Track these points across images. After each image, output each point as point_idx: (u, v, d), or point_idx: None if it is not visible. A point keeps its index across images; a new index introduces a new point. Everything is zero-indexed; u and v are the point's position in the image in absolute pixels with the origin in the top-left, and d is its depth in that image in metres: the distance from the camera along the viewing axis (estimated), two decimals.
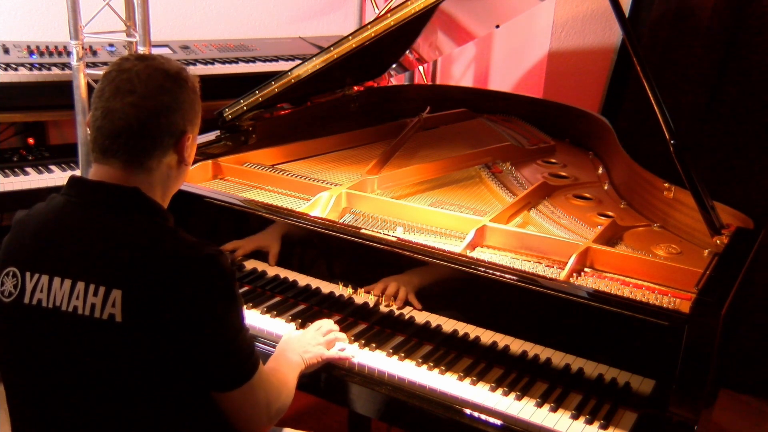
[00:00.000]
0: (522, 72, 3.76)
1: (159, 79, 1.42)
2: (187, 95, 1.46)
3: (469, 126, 2.91)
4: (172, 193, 1.54)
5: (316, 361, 1.73)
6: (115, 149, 1.41)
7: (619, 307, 1.58)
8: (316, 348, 1.74)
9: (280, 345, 1.76)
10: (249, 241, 2.03)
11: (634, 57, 1.87)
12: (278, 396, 1.54)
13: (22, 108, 3.07)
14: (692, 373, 1.52)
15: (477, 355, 1.78)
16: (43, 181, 3.06)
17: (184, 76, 1.47)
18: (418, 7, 2.24)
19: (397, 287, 1.84)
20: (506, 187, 2.29)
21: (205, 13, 3.83)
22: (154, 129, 1.42)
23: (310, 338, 1.76)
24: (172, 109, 1.43)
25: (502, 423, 1.62)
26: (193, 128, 1.50)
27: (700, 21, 3.13)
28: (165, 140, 1.44)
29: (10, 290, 1.40)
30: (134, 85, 1.40)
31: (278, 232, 1.99)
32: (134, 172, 1.43)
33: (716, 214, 1.85)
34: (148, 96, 1.40)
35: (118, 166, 1.42)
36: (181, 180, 1.55)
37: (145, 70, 1.42)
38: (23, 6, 3.33)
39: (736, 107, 3.10)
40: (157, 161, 1.44)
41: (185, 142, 1.47)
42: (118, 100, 1.39)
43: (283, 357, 1.69)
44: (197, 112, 1.51)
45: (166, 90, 1.43)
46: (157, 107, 1.41)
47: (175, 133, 1.45)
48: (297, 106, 2.69)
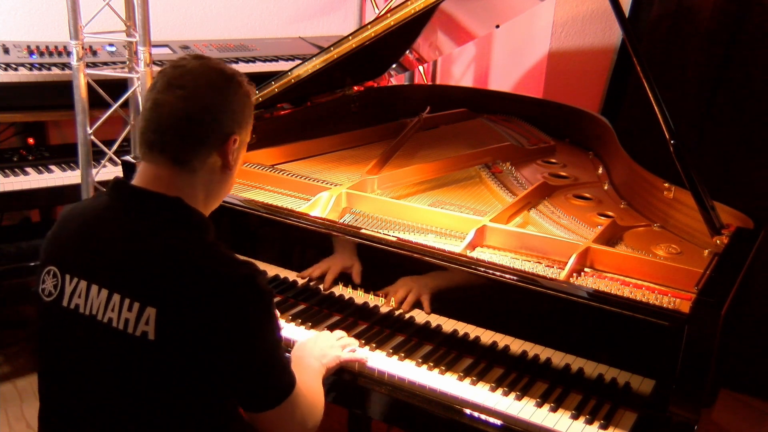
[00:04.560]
0: (522, 72, 3.76)
1: (211, 77, 1.41)
2: (238, 98, 1.44)
3: (469, 126, 2.91)
4: (216, 200, 1.51)
5: (334, 364, 1.70)
6: (161, 144, 1.39)
7: (619, 307, 1.58)
8: (333, 351, 1.71)
9: (294, 352, 1.71)
10: (249, 242, 2.03)
11: (634, 57, 1.87)
12: (312, 411, 1.50)
13: (22, 108, 3.07)
14: (692, 373, 1.52)
15: (477, 355, 1.78)
16: (43, 181, 3.06)
17: (238, 79, 1.45)
18: (418, 7, 2.24)
19: (400, 288, 1.84)
20: (506, 187, 2.29)
21: (205, 13, 3.83)
22: (201, 125, 1.39)
23: (325, 342, 1.73)
24: (221, 109, 1.41)
25: (502, 423, 1.62)
26: (241, 132, 1.46)
27: (700, 21, 3.14)
28: (210, 139, 1.41)
29: (51, 290, 1.41)
30: (186, 81, 1.39)
31: (277, 232, 1.99)
32: (177, 172, 1.40)
33: (716, 214, 1.85)
34: (198, 92, 1.39)
35: (162, 163, 1.40)
36: (226, 187, 1.51)
37: (199, 68, 1.41)
38: (23, 6, 3.34)
39: (736, 107, 3.10)
40: (201, 161, 1.41)
41: (231, 144, 1.44)
42: (169, 94, 1.38)
43: (305, 366, 1.64)
44: (247, 117, 1.48)
45: (217, 89, 1.41)
46: (206, 104, 1.39)
47: (221, 133, 1.42)
48: (297, 106, 2.69)
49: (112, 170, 3.12)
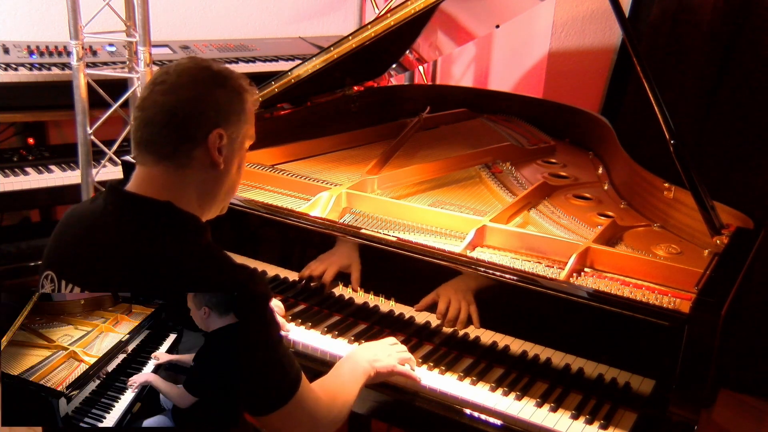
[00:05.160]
0: (522, 72, 3.76)
1: (194, 72, 1.41)
2: (225, 92, 1.42)
3: (469, 126, 2.91)
4: (212, 201, 1.47)
5: (386, 371, 1.66)
6: (145, 141, 1.39)
7: (619, 307, 1.58)
8: (389, 359, 1.68)
9: (347, 354, 1.70)
10: (249, 242, 2.03)
11: (634, 57, 1.87)
12: (328, 411, 1.47)
13: (22, 108, 3.07)
14: (692, 373, 1.52)
15: (477, 355, 1.78)
16: (43, 181, 3.06)
17: (225, 74, 1.43)
18: (418, 7, 2.24)
19: (402, 289, 1.84)
20: (506, 187, 2.29)
21: (205, 13, 3.83)
22: (181, 118, 1.37)
23: (382, 349, 1.71)
24: (204, 102, 1.39)
25: (502, 423, 1.62)
26: (229, 128, 1.42)
27: (700, 21, 3.14)
28: (191, 132, 1.38)
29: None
30: (168, 76, 1.39)
31: (277, 232, 1.99)
32: (168, 171, 1.39)
33: (716, 214, 1.85)
34: (178, 85, 1.38)
35: (152, 163, 1.39)
36: (221, 188, 1.47)
37: (186, 64, 1.41)
38: (23, 6, 3.34)
39: (736, 107, 3.10)
40: (186, 155, 1.39)
41: (215, 137, 1.40)
42: (151, 90, 1.39)
43: (347, 363, 1.63)
44: (236, 112, 1.44)
45: (199, 82, 1.40)
46: (186, 96, 1.38)
47: (204, 126, 1.39)
48: (297, 106, 2.69)
49: (112, 170, 3.12)
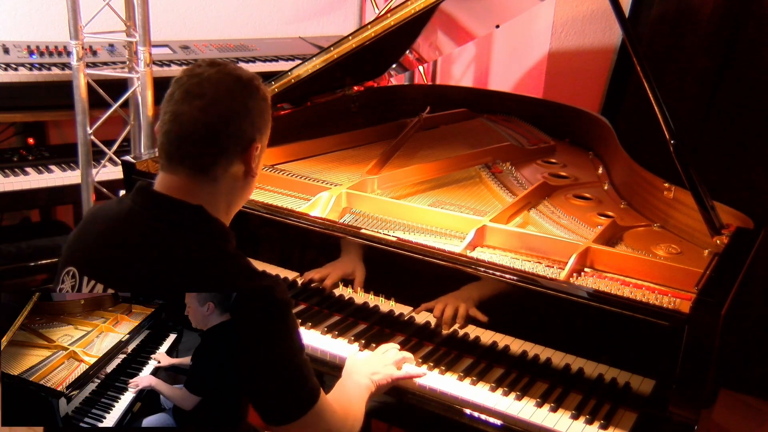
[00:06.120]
0: (522, 72, 3.76)
1: (229, 84, 1.38)
2: (257, 103, 1.42)
3: (469, 126, 2.91)
4: (237, 207, 1.49)
5: (386, 382, 1.67)
6: (181, 155, 1.37)
7: (619, 307, 1.58)
8: (386, 369, 1.68)
9: (345, 369, 1.70)
10: (249, 242, 2.03)
11: (634, 57, 1.87)
12: (342, 425, 1.47)
13: (22, 108, 3.07)
14: (692, 373, 1.52)
15: (477, 355, 1.78)
16: (43, 181, 3.06)
17: (256, 84, 1.43)
18: (418, 7, 2.24)
19: (402, 290, 1.84)
20: (506, 187, 2.29)
21: (205, 13, 3.83)
22: (222, 135, 1.37)
23: (378, 360, 1.71)
24: (241, 116, 1.39)
25: (502, 423, 1.62)
26: (262, 138, 1.44)
27: (700, 21, 3.14)
28: (232, 147, 1.39)
29: (68, 290, 1.40)
30: (204, 89, 1.36)
31: (277, 232, 1.99)
32: (199, 182, 1.38)
33: (716, 214, 1.85)
34: (217, 101, 1.36)
35: (183, 174, 1.38)
36: (247, 193, 1.49)
37: (216, 75, 1.38)
38: (23, 6, 3.34)
39: (736, 107, 3.10)
40: (223, 169, 1.39)
41: (253, 151, 1.41)
42: (187, 104, 1.35)
43: (350, 380, 1.63)
44: (267, 121, 1.46)
45: (236, 96, 1.38)
46: (226, 112, 1.37)
47: (243, 140, 1.39)
48: (297, 106, 2.69)
49: (112, 170, 3.12)
